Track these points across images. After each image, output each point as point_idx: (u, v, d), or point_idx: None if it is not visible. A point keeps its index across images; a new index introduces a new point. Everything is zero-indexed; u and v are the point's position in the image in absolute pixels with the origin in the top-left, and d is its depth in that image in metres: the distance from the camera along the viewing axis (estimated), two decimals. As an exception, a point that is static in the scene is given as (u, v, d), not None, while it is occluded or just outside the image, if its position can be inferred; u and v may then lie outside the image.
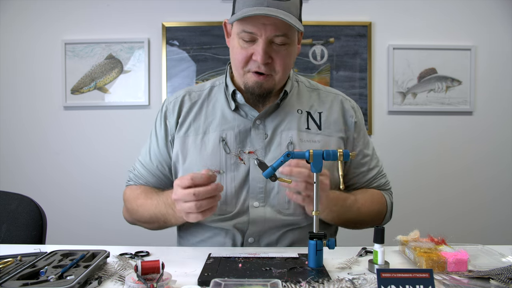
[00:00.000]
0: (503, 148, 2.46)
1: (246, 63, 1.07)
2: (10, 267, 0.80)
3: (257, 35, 1.02)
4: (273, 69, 1.07)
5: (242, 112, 1.15)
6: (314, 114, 1.17)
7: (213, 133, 1.14)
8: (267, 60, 1.04)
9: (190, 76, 2.41)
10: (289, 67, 1.11)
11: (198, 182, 0.89)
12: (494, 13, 2.43)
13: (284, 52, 1.06)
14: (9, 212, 1.30)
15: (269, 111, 1.14)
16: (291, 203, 1.09)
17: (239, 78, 1.12)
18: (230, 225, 1.10)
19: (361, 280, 0.77)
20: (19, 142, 2.46)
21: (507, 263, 0.86)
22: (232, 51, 1.11)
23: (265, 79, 1.08)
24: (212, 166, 1.10)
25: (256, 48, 1.03)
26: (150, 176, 1.22)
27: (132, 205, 1.18)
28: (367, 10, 2.43)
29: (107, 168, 2.45)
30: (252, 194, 1.10)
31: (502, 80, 2.45)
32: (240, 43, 1.06)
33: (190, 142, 1.15)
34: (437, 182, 2.46)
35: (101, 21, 2.44)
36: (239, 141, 1.12)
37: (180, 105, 1.19)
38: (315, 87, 1.25)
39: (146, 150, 1.23)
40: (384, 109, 2.45)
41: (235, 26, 1.06)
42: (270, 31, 1.01)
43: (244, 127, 1.13)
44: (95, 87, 2.44)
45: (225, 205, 1.10)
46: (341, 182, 0.90)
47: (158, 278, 0.74)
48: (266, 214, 1.09)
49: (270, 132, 1.13)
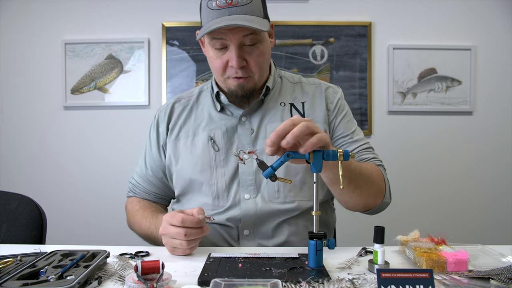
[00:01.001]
0: (503, 148, 2.46)
1: (224, 70, 1.12)
2: (10, 267, 0.80)
3: (227, 41, 1.07)
4: (249, 70, 1.11)
5: (228, 112, 1.20)
6: (298, 104, 1.21)
7: (202, 134, 1.19)
8: (242, 64, 1.09)
9: (190, 76, 2.41)
10: (265, 65, 1.15)
11: (188, 225, 0.92)
12: (494, 13, 2.43)
13: (257, 52, 1.10)
14: (9, 212, 1.30)
15: (253, 107, 1.18)
16: (280, 191, 1.12)
17: (222, 84, 1.18)
18: (223, 219, 1.13)
19: (361, 280, 0.77)
20: (19, 142, 2.46)
21: (507, 263, 0.85)
22: (210, 61, 1.16)
23: (245, 81, 1.12)
24: (203, 164, 1.15)
25: (230, 54, 1.08)
26: (147, 184, 1.28)
27: (130, 220, 1.25)
28: (367, 10, 2.43)
29: (107, 168, 2.45)
30: (243, 187, 1.13)
31: (502, 80, 2.45)
32: (214, 53, 1.11)
33: (181, 145, 1.20)
34: (437, 182, 2.46)
35: (101, 21, 2.44)
36: (227, 138, 1.17)
37: (170, 112, 1.26)
38: (298, 81, 1.27)
39: (142, 159, 1.30)
40: (384, 109, 2.45)
41: (206, 38, 1.12)
42: (237, 34, 1.05)
43: (231, 125, 1.18)
44: (95, 87, 2.44)
45: (217, 200, 1.14)
46: (341, 182, 0.90)
47: (158, 278, 0.74)
48: (257, 205, 1.12)
49: (255, 127, 1.17)
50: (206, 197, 1.15)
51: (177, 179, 1.20)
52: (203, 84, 1.32)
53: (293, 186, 1.13)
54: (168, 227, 0.94)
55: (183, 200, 1.22)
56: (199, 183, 1.16)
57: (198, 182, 1.16)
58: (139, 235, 1.20)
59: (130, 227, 1.25)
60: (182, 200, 1.22)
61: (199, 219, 0.93)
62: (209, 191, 1.15)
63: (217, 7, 1.04)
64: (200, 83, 2.38)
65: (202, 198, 1.16)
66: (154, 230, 1.10)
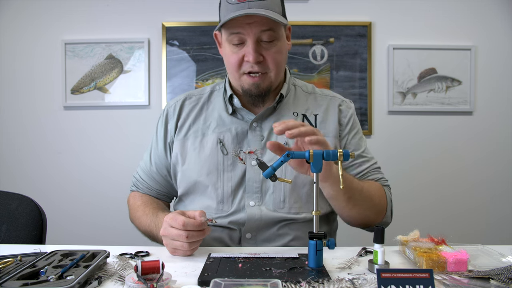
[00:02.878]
0: (503, 148, 2.46)
1: (240, 65, 1.10)
2: (10, 267, 0.80)
3: (245, 35, 1.06)
4: (266, 66, 1.10)
5: (239, 115, 1.18)
6: (310, 116, 1.19)
7: (211, 135, 1.17)
8: (258, 59, 1.07)
9: (190, 76, 2.41)
10: (281, 64, 1.13)
11: (189, 229, 0.92)
12: (494, 13, 2.43)
13: (274, 49, 1.09)
14: (9, 212, 1.30)
15: (265, 114, 1.17)
16: (286, 201, 1.11)
17: (236, 82, 1.15)
18: (226, 222, 1.12)
19: (361, 280, 0.77)
20: (19, 142, 2.46)
21: (507, 263, 0.86)
22: (225, 58, 1.15)
23: (260, 79, 1.10)
24: (210, 167, 1.14)
25: (246, 49, 1.07)
26: (150, 180, 1.27)
27: (132, 215, 1.24)
28: (367, 10, 2.43)
29: (107, 168, 2.45)
30: (248, 193, 1.12)
31: (502, 80, 2.45)
32: (231, 49, 1.10)
33: (189, 145, 1.18)
34: (437, 182, 2.46)
35: (101, 21, 2.44)
36: (237, 142, 1.15)
37: (180, 109, 1.23)
38: (311, 91, 1.26)
39: (148, 154, 1.28)
40: (384, 109, 2.45)
41: (224, 33, 1.10)
42: (256, 28, 1.04)
43: (242, 129, 1.16)
44: (95, 87, 2.44)
45: (221, 204, 1.13)
46: (341, 182, 0.90)
47: (158, 278, 0.74)
48: (262, 212, 1.11)
49: (266, 133, 1.15)
50: (210, 200, 1.14)
51: (182, 179, 1.19)
52: (215, 83, 1.29)
53: (298, 198, 1.12)
54: (169, 228, 0.94)
55: (186, 200, 1.20)
56: (204, 186, 1.15)
57: (204, 185, 1.15)
58: (140, 231, 1.19)
59: (132, 222, 1.25)
60: (185, 200, 1.21)
61: (201, 221, 0.93)
62: (214, 195, 1.13)
63: (236, 2, 1.03)
64: (200, 83, 2.38)
65: (206, 200, 1.15)
66: (154, 228, 1.10)
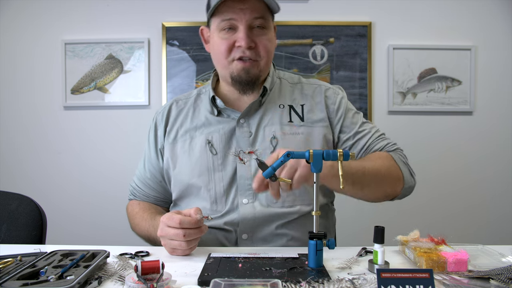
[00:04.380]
0: (503, 148, 2.46)
1: (230, 51, 1.09)
2: (10, 267, 0.80)
3: (237, 22, 1.06)
4: (258, 54, 1.10)
5: (225, 115, 1.19)
6: (297, 107, 1.19)
7: (199, 137, 1.17)
8: (250, 44, 1.07)
9: (190, 76, 2.41)
10: (271, 53, 1.14)
11: (186, 226, 0.92)
12: (494, 13, 2.43)
13: (265, 37, 1.10)
14: (9, 212, 1.30)
15: (251, 109, 1.16)
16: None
17: (224, 70, 1.14)
18: (221, 223, 1.12)
19: (361, 280, 0.77)
20: (19, 142, 2.46)
21: (507, 263, 0.85)
22: (214, 48, 1.14)
23: (251, 65, 1.10)
24: (200, 168, 1.14)
25: (238, 34, 1.07)
26: (146, 188, 1.28)
27: (131, 223, 1.25)
28: (367, 10, 2.43)
29: (107, 168, 2.45)
30: (241, 191, 1.12)
31: (502, 80, 2.45)
32: (221, 35, 1.09)
33: (179, 148, 1.19)
34: (437, 182, 2.46)
35: (101, 21, 2.44)
36: (225, 141, 1.15)
37: (167, 114, 1.24)
38: (297, 81, 1.25)
39: (142, 163, 1.29)
40: (384, 109, 2.45)
41: (214, 21, 1.10)
42: (248, 14, 1.05)
43: (229, 127, 1.16)
44: (95, 87, 2.44)
45: (215, 204, 1.13)
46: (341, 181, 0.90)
47: (158, 278, 0.74)
48: (255, 209, 1.11)
49: (254, 129, 1.15)
50: (204, 202, 1.14)
51: (175, 183, 1.19)
52: (201, 87, 1.30)
53: (292, 191, 1.12)
54: (166, 228, 0.94)
55: (181, 204, 1.21)
56: (197, 188, 1.15)
57: (196, 187, 1.15)
58: (140, 237, 1.20)
59: (133, 230, 1.25)
60: (180, 204, 1.21)
61: (197, 219, 0.93)
62: (207, 196, 1.14)
63: None
64: (200, 83, 2.38)
65: (200, 202, 1.15)
66: (152, 232, 1.10)
